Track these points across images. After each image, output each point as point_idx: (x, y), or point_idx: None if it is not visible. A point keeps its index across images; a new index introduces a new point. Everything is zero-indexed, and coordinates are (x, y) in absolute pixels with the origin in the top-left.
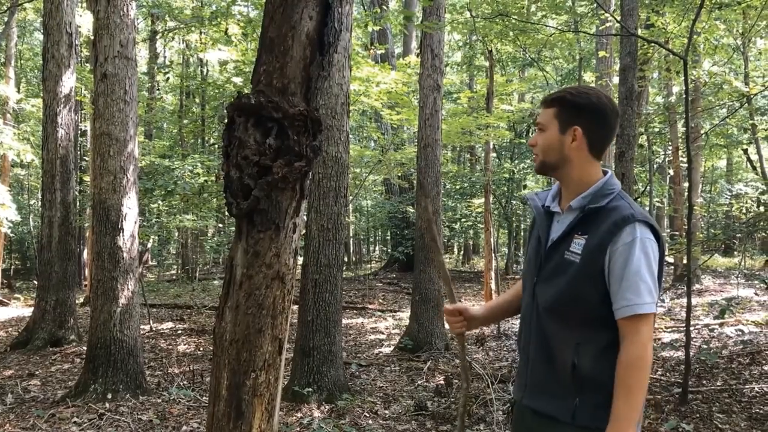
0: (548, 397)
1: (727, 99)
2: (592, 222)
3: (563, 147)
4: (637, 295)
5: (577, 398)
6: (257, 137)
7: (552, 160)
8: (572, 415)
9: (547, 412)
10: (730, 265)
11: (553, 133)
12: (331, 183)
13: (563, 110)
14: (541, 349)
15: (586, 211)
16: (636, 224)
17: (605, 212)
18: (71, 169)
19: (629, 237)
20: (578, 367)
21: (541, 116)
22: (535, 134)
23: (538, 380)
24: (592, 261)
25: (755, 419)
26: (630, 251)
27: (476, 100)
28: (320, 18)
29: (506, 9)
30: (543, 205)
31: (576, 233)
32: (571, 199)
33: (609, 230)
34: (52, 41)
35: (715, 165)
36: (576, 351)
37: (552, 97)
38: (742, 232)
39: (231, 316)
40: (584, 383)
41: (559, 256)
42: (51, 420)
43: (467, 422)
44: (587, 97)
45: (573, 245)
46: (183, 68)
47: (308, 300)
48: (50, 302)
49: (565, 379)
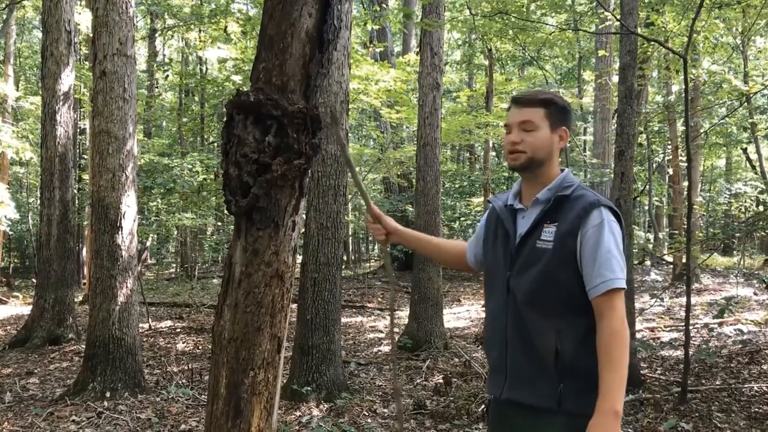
0: (531, 387)
1: (726, 98)
2: (559, 210)
3: (552, 146)
4: (611, 271)
5: (561, 384)
6: (256, 135)
7: (540, 158)
8: (557, 402)
9: (532, 403)
10: (729, 264)
11: (546, 132)
12: (330, 181)
13: (553, 112)
14: (520, 342)
15: (555, 199)
16: (602, 209)
17: (571, 200)
18: (70, 167)
19: (597, 220)
20: (561, 353)
21: (525, 115)
22: (516, 133)
23: (520, 372)
24: (564, 245)
25: (754, 418)
26: (600, 233)
27: (476, 98)
28: (319, 15)
29: (506, 7)
30: (506, 204)
31: (545, 222)
32: (535, 194)
33: (578, 215)
34: (51, 39)
35: (715, 164)
36: (558, 338)
37: (538, 99)
38: (741, 232)
39: (230, 315)
40: (567, 369)
41: (530, 247)
42: (49, 418)
43: (466, 421)
44: (566, 102)
45: (544, 234)
46: (182, 66)
47: (307, 298)
48: (49, 300)
49: (548, 367)
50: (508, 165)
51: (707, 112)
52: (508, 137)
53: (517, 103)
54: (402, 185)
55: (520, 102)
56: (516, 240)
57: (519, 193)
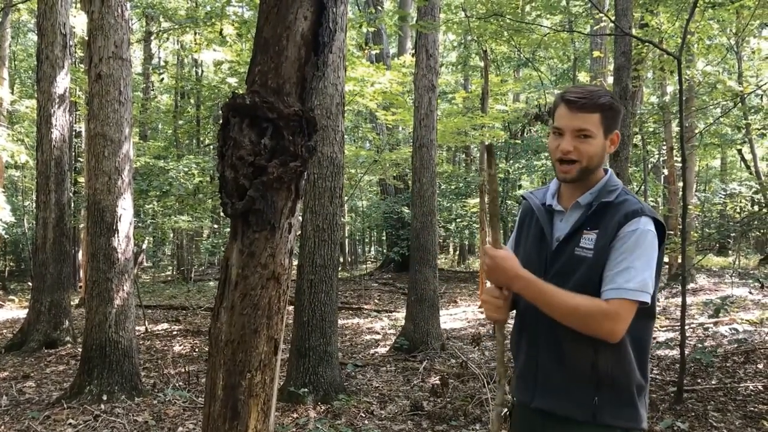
0: (565, 397)
1: (720, 98)
2: (601, 217)
3: (604, 152)
4: (626, 281)
5: (596, 397)
6: (252, 137)
7: (594, 166)
8: (593, 414)
9: (564, 413)
10: (725, 264)
11: (600, 140)
12: (326, 183)
13: (607, 116)
14: (553, 349)
15: (598, 205)
16: (642, 218)
17: (614, 206)
18: (66, 170)
19: (633, 227)
20: (597, 363)
21: (581, 122)
22: (569, 140)
23: (552, 380)
24: (605, 255)
25: (750, 417)
26: (629, 239)
27: (471, 100)
28: (315, 18)
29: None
30: (543, 203)
31: (585, 229)
32: (576, 196)
33: (618, 222)
34: (46, 42)
35: (710, 164)
36: (594, 348)
37: (597, 103)
38: (736, 232)
39: (226, 317)
40: (604, 380)
41: (569, 254)
42: (46, 422)
43: (463, 422)
44: (617, 102)
45: (583, 241)
46: (178, 69)
47: (304, 300)
48: (45, 304)
49: (583, 377)
50: (558, 177)
51: (702, 113)
52: (559, 143)
53: (572, 106)
54: (398, 187)
55: (577, 106)
56: (553, 244)
57: (557, 192)
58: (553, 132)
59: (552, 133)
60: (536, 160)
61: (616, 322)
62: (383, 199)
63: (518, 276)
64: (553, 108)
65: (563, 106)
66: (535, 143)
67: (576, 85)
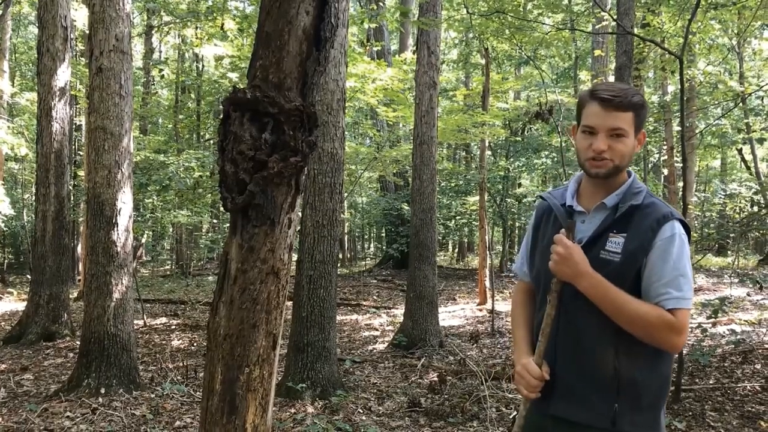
0: (584, 404)
1: (721, 98)
2: (629, 220)
3: (634, 152)
4: (678, 289)
5: (616, 404)
6: (253, 132)
7: (625, 165)
8: (612, 422)
9: (581, 421)
10: (724, 264)
11: (632, 139)
12: (326, 179)
13: (639, 115)
14: (572, 354)
15: (626, 209)
16: (675, 222)
17: (642, 209)
18: (66, 163)
19: (669, 232)
20: (619, 369)
21: (616, 121)
22: (603, 139)
23: (570, 387)
24: (634, 260)
25: (747, 417)
26: (669, 245)
27: (472, 97)
28: (317, 13)
29: (503, 7)
30: (563, 204)
31: (611, 231)
32: (600, 197)
33: (651, 228)
34: (47, 35)
35: (710, 165)
36: (616, 353)
37: (629, 101)
38: (735, 232)
39: (225, 311)
40: (624, 386)
41: (593, 257)
42: (44, 414)
43: (461, 419)
44: (646, 101)
45: (609, 244)
46: (179, 63)
47: (303, 296)
48: (44, 297)
49: (603, 383)
50: (589, 173)
51: (702, 113)
52: (593, 142)
53: (607, 104)
54: (398, 184)
55: (613, 105)
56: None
57: (576, 192)
58: (583, 131)
59: (581, 131)
60: (536, 158)
61: (681, 334)
62: (383, 196)
63: (587, 273)
64: (579, 105)
65: (595, 104)
66: (536, 141)
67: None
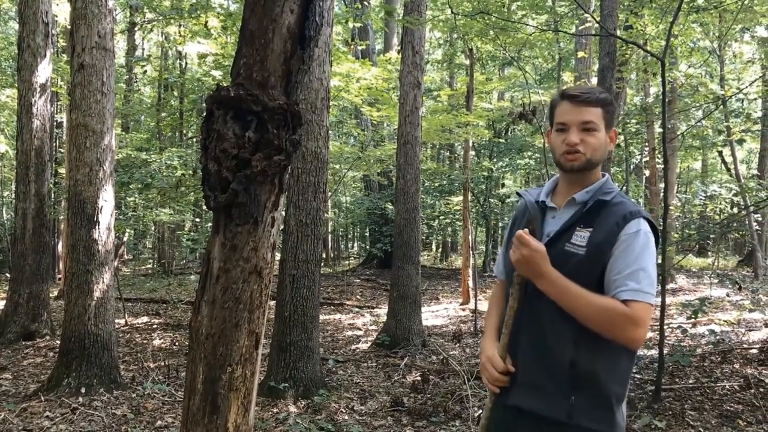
0: (541, 395)
1: (702, 101)
2: (596, 215)
3: (606, 147)
4: (637, 282)
5: (572, 396)
6: (236, 130)
7: (598, 160)
8: (568, 414)
9: (540, 412)
10: (704, 265)
11: (603, 133)
12: (310, 178)
13: (608, 111)
14: (534, 346)
15: (594, 203)
16: (641, 219)
17: (610, 206)
18: (46, 160)
19: (634, 228)
20: (576, 362)
21: (586, 115)
22: (575, 133)
23: (530, 379)
24: (599, 253)
25: (726, 416)
26: (633, 241)
27: (456, 98)
28: (301, 12)
29: (487, 7)
30: (536, 200)
31: (578, 226)
32: (572, 193)
33: (617, 223)
34: (27, 30)
35: (691, 166)
36: (575, 346)
37: (596, 98)
38: (715, 233)
39: (207, 310)
40: (581, 380)
41: (558, 249)
42: (23, 414)
43: (443, 418)
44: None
45: (575, 237)
46: (161, 61)
47: (286, 295)
48: (23, 295)
49: (560, 376)
50: (564, 167)
51: (684, 115)
52: (566, 137)
53: (575, 100)
54: (382, 183)
55: (580, 100)
56: (543, 240)
57: (552, 190)
58: (557, 129)
59: (555, 130)
60: (520, 158)
61: (639, 327)
62: (367, 195)
63: (547, 273)
64: (551, 108)
65: (566, 102)
66: (519, 142)
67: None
